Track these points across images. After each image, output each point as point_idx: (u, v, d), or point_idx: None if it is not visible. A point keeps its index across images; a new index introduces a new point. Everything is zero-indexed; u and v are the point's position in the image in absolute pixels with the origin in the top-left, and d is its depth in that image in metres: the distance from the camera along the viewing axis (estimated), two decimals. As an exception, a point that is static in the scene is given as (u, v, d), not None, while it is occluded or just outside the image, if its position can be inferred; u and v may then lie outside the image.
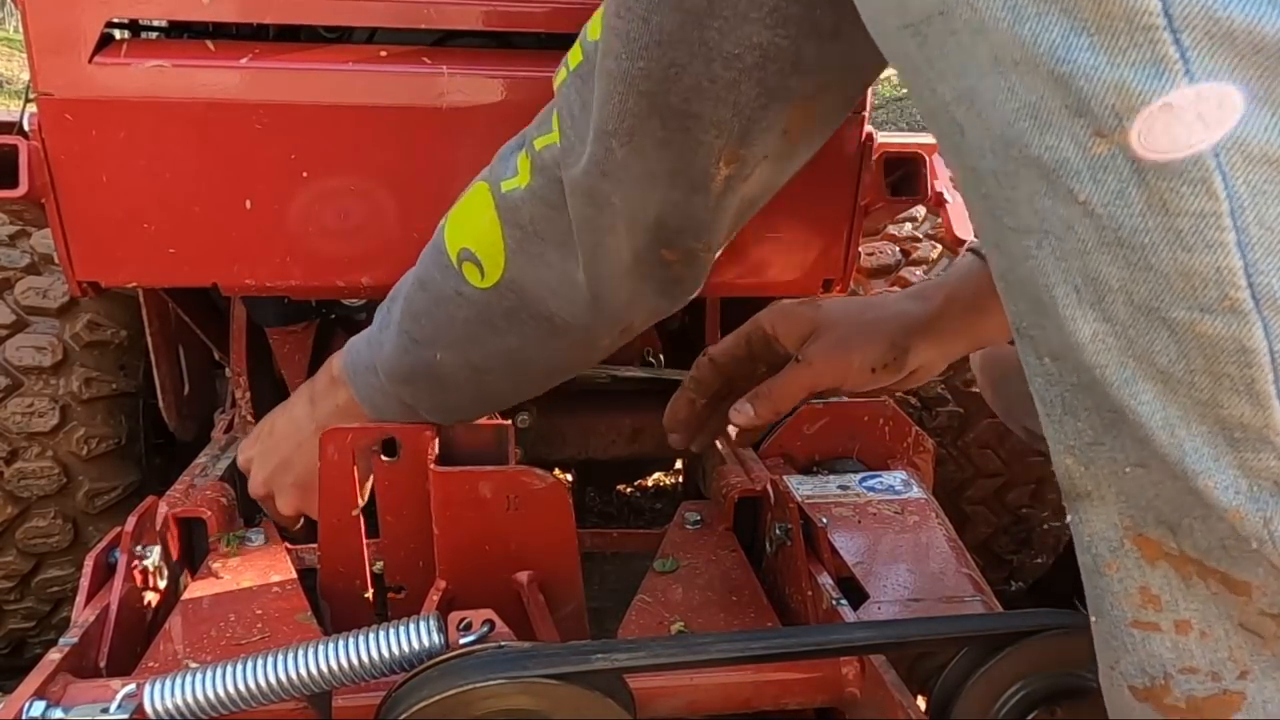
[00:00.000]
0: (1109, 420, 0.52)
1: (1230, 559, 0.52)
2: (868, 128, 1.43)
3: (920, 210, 2.04)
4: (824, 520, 1.29)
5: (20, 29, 1.25)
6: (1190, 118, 0.42)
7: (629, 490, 2.69)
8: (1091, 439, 0.54)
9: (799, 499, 1.33)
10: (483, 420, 1.27)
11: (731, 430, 1.33)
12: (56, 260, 1.54)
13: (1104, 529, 0.56)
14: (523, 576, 1.17)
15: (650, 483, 2.72)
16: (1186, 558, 0.54)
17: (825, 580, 1.20)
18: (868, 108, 1.41)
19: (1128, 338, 0.48)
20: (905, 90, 0.55)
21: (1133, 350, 0.48)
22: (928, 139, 1.62)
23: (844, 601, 1.15)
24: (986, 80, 0.45)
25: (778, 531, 1.32)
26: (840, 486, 1.44)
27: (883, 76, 0.90)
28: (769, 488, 1.40)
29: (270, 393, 1.84)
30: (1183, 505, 0.52)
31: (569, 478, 2.50)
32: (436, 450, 1.21)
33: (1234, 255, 0.43)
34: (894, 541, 1.30)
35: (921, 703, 1.01)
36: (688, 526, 1.48)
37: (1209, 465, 0.48)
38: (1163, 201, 0.43)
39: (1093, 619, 0.60)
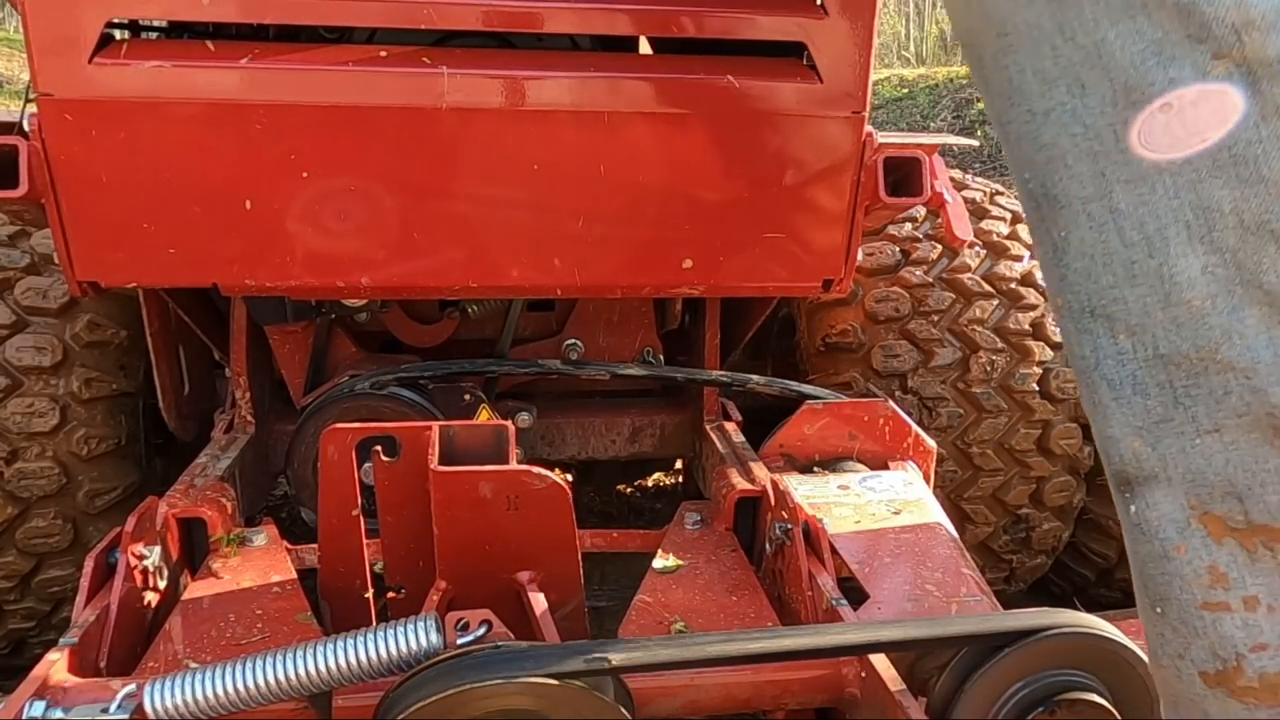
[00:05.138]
0: (1187, 385, 0.54)
1: None
2: (868, 128, 1.44)
3: (920, 210, 2.04)
4: (824, 520, 1.29)
5: (20, 29, 1.25)
6: None
7: (629, 490, 2.69)
8: (1161, 415, 0.55)
9: (799, 499, 1.33)
10: (483, 420, 1.27)
11: None
12: (56, 260, 1.54)
13: (1171, 510, 0.57)
14: (523, 576, 1.17)
15: (650, 483, 2.72)
16: (1254, 528, 0.55)
17: (825, 580, 1.20)
18: (867, 108, 1.41)
19: (1237, 263, 0.50)
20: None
21: (1241, 275, 0.51)
22: (927, 139, 1.62)
23: (844, 601, 1.15)
24: (1118, 27, 0.49)
25: (778, 531, 1.32)
26: (840, 486, 1.44)
27: (882, 77, 0.90)
28: (769, 488, 1.40)
29: (270, 393, 1.84)
30: (1258, 462, 0.54)
31: (569, 478, 2.50)
32: (437, 450, 1.21)
33: None
34: (894, 541, 1.30)
35: (921, 703, 1.01)
36: (688, 526, 1.48)
37: None
38: (1276, 106, 0.47)
39: (1155, 610, 0.61)
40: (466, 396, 1.74)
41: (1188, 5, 0.47)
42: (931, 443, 1.57)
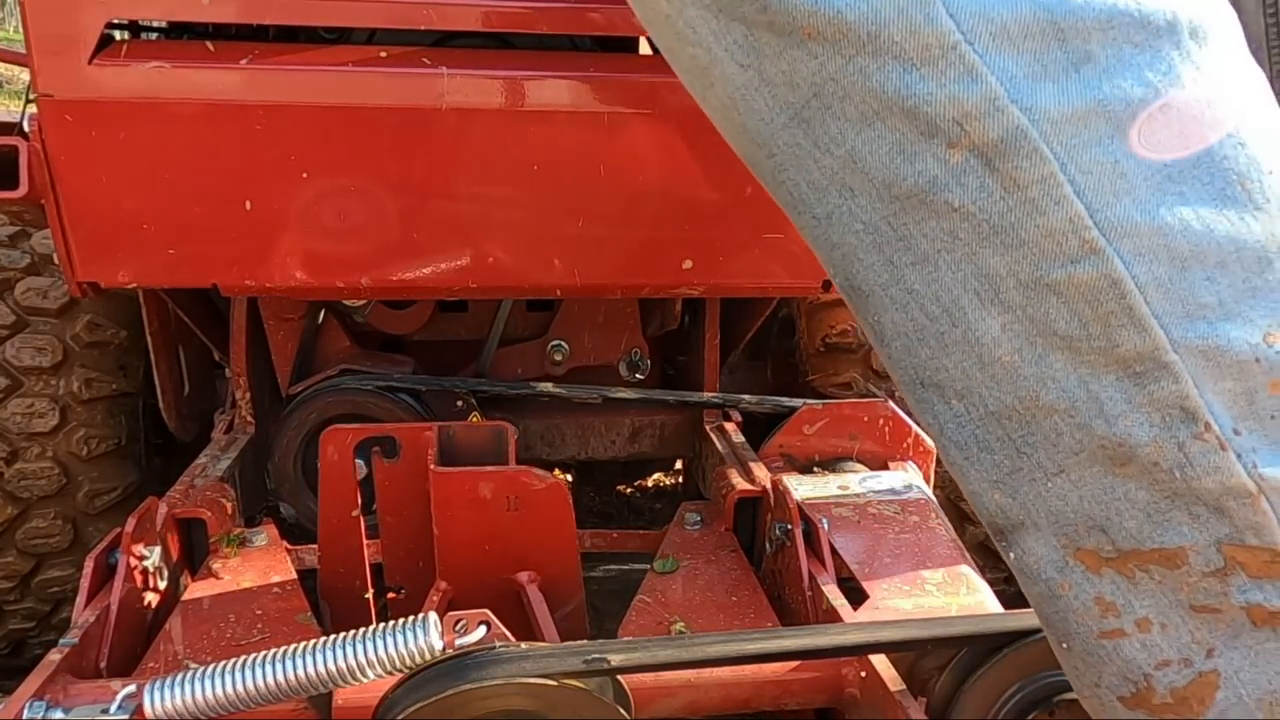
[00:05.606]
0: (1023, 436, 0.57)
1: (1159, 527, 0.56)
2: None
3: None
4: (824, 520, 1.29)
5: (20, 29, 1.25)
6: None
7: (629, 490, 2.69)
8: (1010, 467, 0.59)
9: (799, 499, 1.33)
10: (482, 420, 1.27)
11: None
12: (56, 260, 1.54)
13: (1046, 552, 0.60)
14: (523, 576, 1.17)
15: (650, 483, 2.72)
16: (1124, 555, 0.57)
17: (825, 580, 1.20)
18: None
19: (1029, 316, 0.55)
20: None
21: (1036, 327, 0.55)
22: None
23: (844, 601, 1.15)
24: (861, 136, 0.54)
25: (777, 532, 1.32)
26: (840, 486, 1.44)
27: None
28: (769, 488, 1.40)
29: (270, 393, 1.84)
30: (1106, 493, 0.56)
31: (569, 478, 2.50)
32: (436, 450, 1.21)
33: (1076, 203, 0.52)
34: (894, 541, 1.30)
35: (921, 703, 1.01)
36: (688, 527, 1.48)
37: (1124, 409, 0.54)
38: (1013, 180, 0.52)
39: (1062, 646, 0.62)
40: (459, 403, 1.75)
41: (913, 109, 0.52)
42: (931, 443, 1.57)
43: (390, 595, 1.29)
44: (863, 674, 1.04)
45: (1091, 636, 0.60)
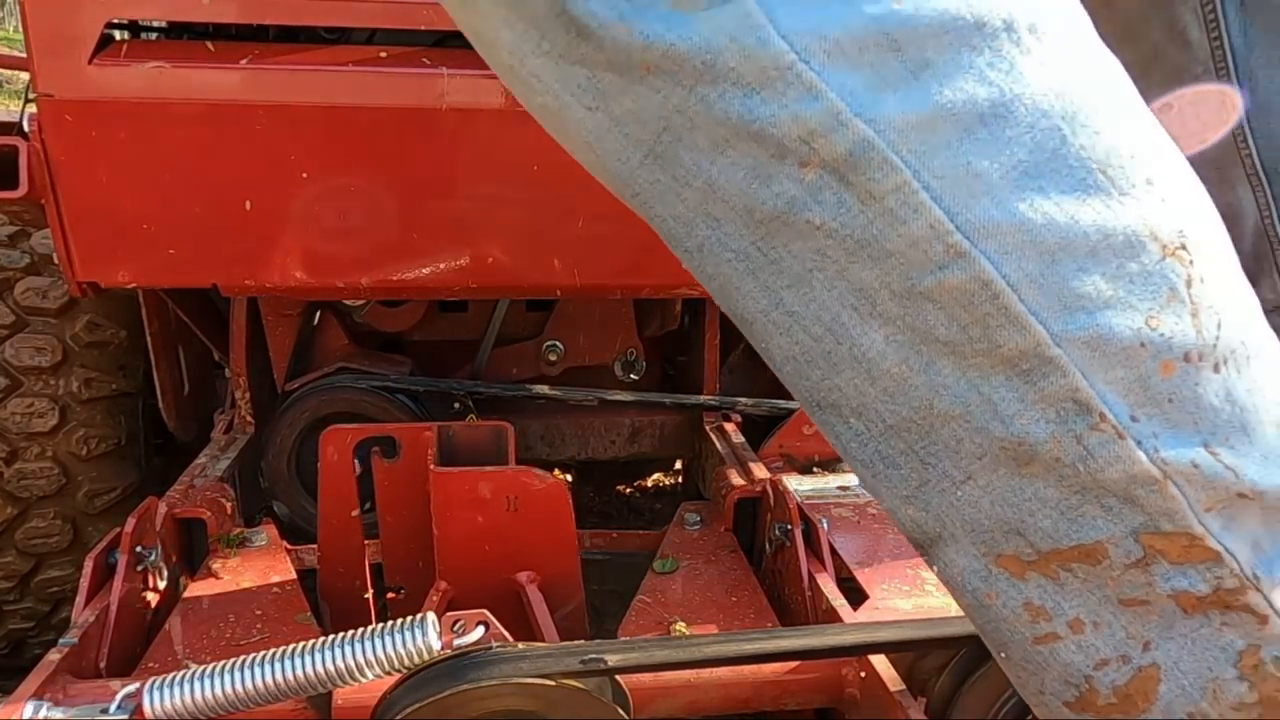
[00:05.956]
0: (924, 446, 0.57)
1: (1074, 524, 0.56)
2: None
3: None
4: (824, 520, 1.29)
5: (20, 29, 1.25)
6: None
7: (629, 490, 2.68)
8: (918, 480, 0.58)
9: (799, 499, 1.33)
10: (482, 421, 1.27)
11: None
12: (56, 260, 1.54)
13: (968, 562, 0.59)
14: (523, 576, 1.17)
15: (650, 483, 2.71)
16: (1044, 556, 0.57)
17: (825, 580, 1.20)
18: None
19: (909, 326, 0.54)
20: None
21: (918, 335, 0.54)
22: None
23: (844, 601, 1.15)
24: (716, 165, 0.53)
25: (777, 532, 1.32)
26: (840, 486, 1.44)
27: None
28: (769, 488, 1.40)
29: (270, 394, 1.84)
30: (1016, 495, 0.56)
31: (569, 478, 2.50)
32: (436, 450, 1.21)
33: (935, 209, 0.52)
34: (894, 541, 1.30)
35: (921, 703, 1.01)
36: (687, 527, 1.48)
37: (1017, 408, 0.54)
38: (868, 192, 0.52)
39: (1002, 656, 0.62)
40: (456, 405, 1.75)
41: (759, 132, 0.52)
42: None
43: (390, 595, 1.29)
44: (863, 674, 1.04)
45: (1027, 643, 0.59)
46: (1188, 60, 1.12)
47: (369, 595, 1.29)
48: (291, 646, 0.89)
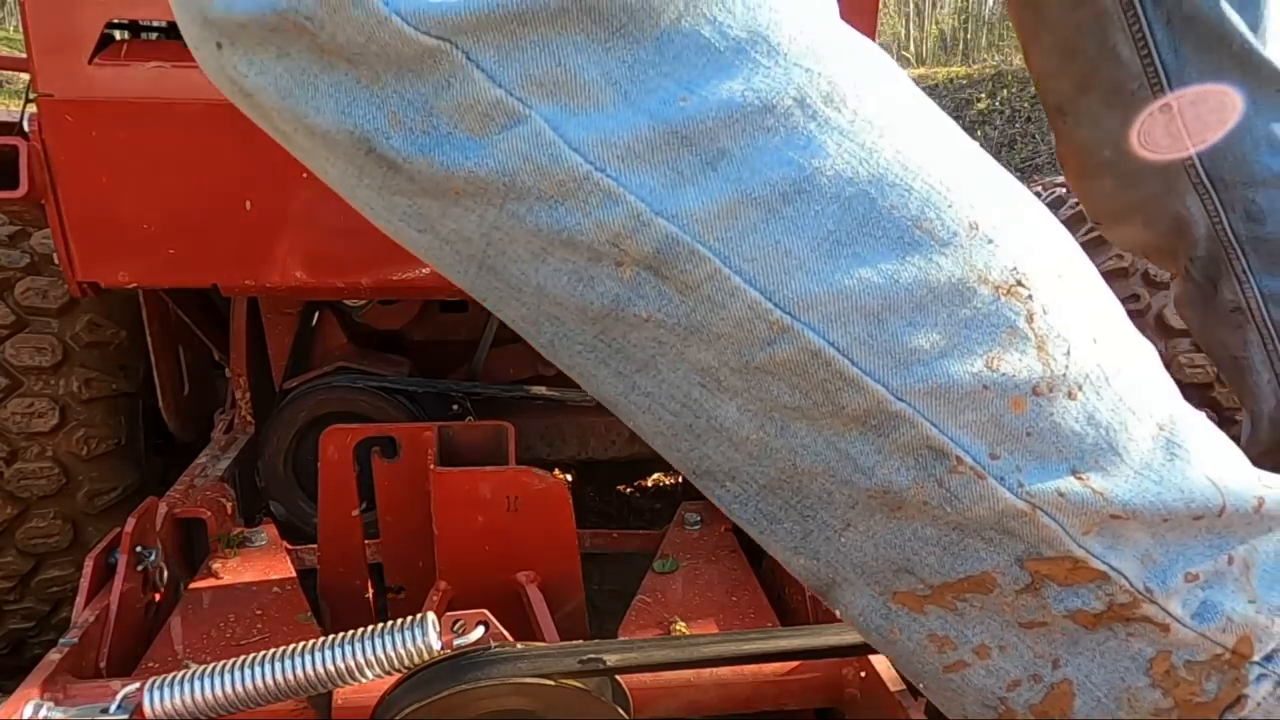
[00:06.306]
0: (799, 501, 0.57)
1: (958, 558, 0.56)
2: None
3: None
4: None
5: (20, 29, 1.25)
6: None
7: (629, 490, 2.69)
8: (802, 532, 0.58)
9: (798, 499, 1.33)
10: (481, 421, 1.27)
11: None
12: (56, 260, 1.54)
13: (867, 603, 0.59)
14: (523, 576, 1.17)
15: (650, 483, 2.72)
16: (937, 590, 0.57)
17: (825, 580, 1.20)
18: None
19: (756, 397, 0.55)
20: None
21: (766, 404, 0.54)
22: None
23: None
24: (540, 272, 0.54)
25: (777, 532, 1.32)
26: (840, 487, 1.43)
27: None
28: (769, 488, 1.40)
29: (270, 394, 1.84)
30: (897, 536, 0.56)
31: (569, 478, 2.50)
32: (436, 450, 1.21)
33: (750, 291, 0.52)
34: (893, 542, 1.30)
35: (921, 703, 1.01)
36: (688, 527, 1.48)
37: (875, 459, 0.54)
38: (684, 283, 0.53)
39: (922, 686, 0.62)
40: (455, 406, 1.75)
41: (570, 240, 0.52)
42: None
43: (390, 595, 1.29)
44: (863, 674, 1.04)
45: (938, 672, 0.60)
46: (1124, 77, 1.13)
47: (369, 595, 1.29)
48: (291, 646, 0.89)
